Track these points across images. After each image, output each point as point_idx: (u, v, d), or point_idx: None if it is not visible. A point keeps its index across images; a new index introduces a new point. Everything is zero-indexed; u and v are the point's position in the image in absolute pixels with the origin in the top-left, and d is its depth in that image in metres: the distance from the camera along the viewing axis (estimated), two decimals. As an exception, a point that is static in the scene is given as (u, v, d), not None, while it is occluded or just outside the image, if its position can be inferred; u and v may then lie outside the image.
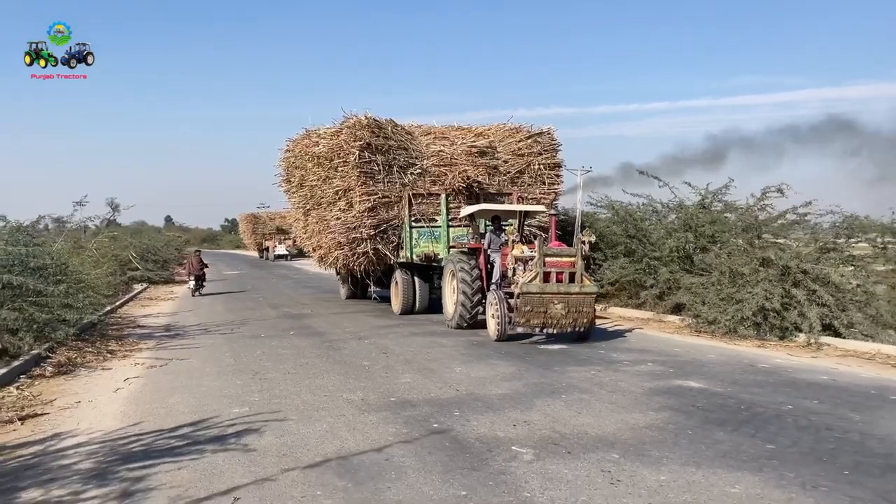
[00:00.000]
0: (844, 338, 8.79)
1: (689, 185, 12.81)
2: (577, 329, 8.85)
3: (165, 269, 22.97)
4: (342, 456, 4.31)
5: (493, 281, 10.07)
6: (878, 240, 10.31)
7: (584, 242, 8.98)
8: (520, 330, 8.86)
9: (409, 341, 9.36)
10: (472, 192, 12.75)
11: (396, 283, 12.74)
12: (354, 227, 12.44)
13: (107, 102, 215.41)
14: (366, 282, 14.57)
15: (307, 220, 14.52)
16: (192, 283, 17.77)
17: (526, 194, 13.09)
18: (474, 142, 13.34)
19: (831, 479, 3.87)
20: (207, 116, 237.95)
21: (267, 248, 45.38)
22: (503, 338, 9.12)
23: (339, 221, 12.73)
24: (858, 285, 9.35)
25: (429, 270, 12.56)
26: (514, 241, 9.54)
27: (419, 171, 12.72)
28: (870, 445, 4.54)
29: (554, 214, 10.96)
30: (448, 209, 12.31)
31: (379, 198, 12.36)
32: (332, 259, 13.69)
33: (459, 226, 12.39)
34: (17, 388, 6.50)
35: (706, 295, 10.06)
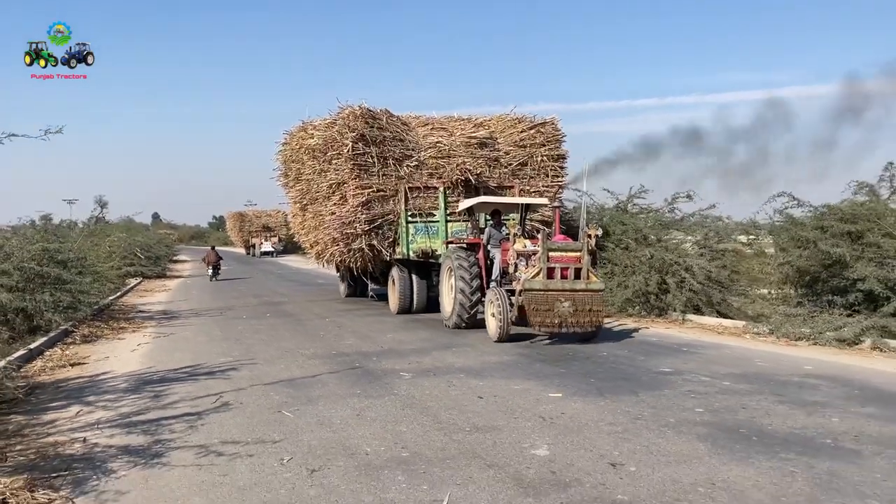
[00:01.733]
0: (703, 314, 11.37)
1: (608, 192, 15.27)
2: (586, 330, 8.57)
3: (158, 265, 25.32)
4: (290, 379, 6.78)
5: (493, 278, 9.85)
6: (743, 238, 12.91)
7: (589, 236, 8.77)
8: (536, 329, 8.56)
9: (361, 320, 11.83)
10: (472, 186, 12.44)
11: (393, 280, 12.59)
12: (349, 223, 12.19)
13: (97, 101, 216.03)
14: (365, 280, 14.45)
15: (304, 215, 14.44)
16: (210, 271, 23.02)
17: (528, 187, 12.90)
18: (474, 132, 13.04)
19: (582, 383, 6.36)
20: (195, 114, 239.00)
21: (254, 245, 47.77)
22: (505, 338, 8.71)
23: (333, 216, 12.55)
24: (716, 272, 11.89)
25: (427, 267, 12.31)
26: (515, 235, 9.30)
27: (416, 163, 12.45)
28: (626, 370, 7.05)
29: (558, 207, 10.47)
30: (446, 203, 12.16)
31: (374, 191, 12.12)
32: (328, 255, 13.64)
33: (458, 220, 12.23)
34: (60, 349, 8.94)
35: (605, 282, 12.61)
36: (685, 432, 4.74)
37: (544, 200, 11.63)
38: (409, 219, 12.21)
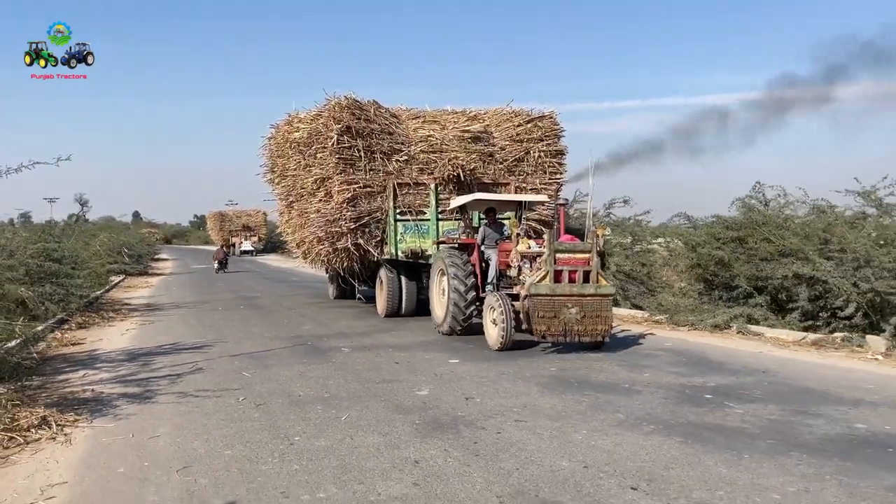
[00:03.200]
0: (620, 306, 13.33)
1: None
2: (595, 338, 8.12)
3: (140, 263, 26.91)
4: (252, 352, 8.58)
5: (489, 281, 9.42)
6: (660, 240, 14.89)
7: (597, 237, 8.36)
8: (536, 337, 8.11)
9: (322, 311, 13.64)
10: (465, 182, 11.99)
11: (381, 282, 12.27)
12: (334, 220, 11.82)
13: (78, 99, 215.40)
14: (353, 281, 14.16)
15: (290, 213, 14.09)
16: (216, 266, 27.09)
17: (525, 184, 12.48)
18: (467, 126, 12.55)
19: (478, 355, 8.19)
20: (177, 113, 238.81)
21: (233, 244, 49.31)
22: (507, 346, 8.26)
23: (318, 214, 12.20)
24: (635, 270, 13.84)
25: (417, 268, 11.92)
26: (518, 235, 8.83)
27: (405, 157, 12.00)
28: (520, 343, 8.93)
29: (563, 204, 9.77)
30: (437, 200, 11.70)
31: (360, 187, 11.69)
32: (313, 255, 13.32)
33: (450, 219, 11.87)
34: (60, 333, 10.67)
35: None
36: (531, 382, 6.64)
37: (543, 197, 11.40)
38: (398, 217, 11.77)
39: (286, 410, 5.68)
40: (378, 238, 12.00)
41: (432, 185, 11.73)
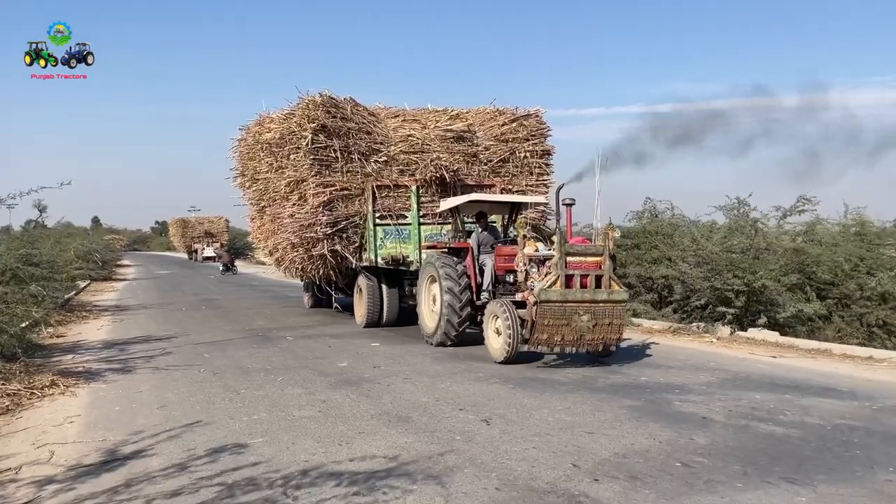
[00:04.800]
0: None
1: None
2: (606, 348, 7.87)
3: (105, 269, 28.37)
4: (212, 341, 10.53)
5: (485, 288, 9.11)
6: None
7: (610, 238, 8.01)
8: (527, 348, 7.78)
9: (277, 310, 15.57)
10: (448, 184, 11.56)
11: (360, 290, 11.93)
12: (309, 225, 11.44)
13: (37, 100, 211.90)
14: (329, 290, 13.71)
15: (262, 218, 13.82)
16: (221, 268, 31.25)
17: (511, 186, 12.13)
18: (450, 125, 12.21)
19: (396, 340, 10.29)
20: (138, 115, 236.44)
21: (196, 251, 50.59)
22: (512, 358, 7.92)
23: (291, 219, 11.83)
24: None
25: (398, 275, 11.61)
26: (525, 237, 8.35)
27: (385, 158, 11.63)
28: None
29: (569, 204, 8.78)
30: (419, 203, 11.44)
31: (337, 190, 11.30)
32: (287, 263, 12.95)
33: (433, 223, 11.61)
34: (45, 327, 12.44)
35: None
36: (428, 357, 8.75)
37: (542, 198, 11.13)
38: (378, 221, 11.38)
39: (236, 376, 7.70)
40: (356, 244, 11.66)
41: (414, 188, 11.45)
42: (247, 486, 4.15)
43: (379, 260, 11.31)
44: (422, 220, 11.56)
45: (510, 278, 8.89)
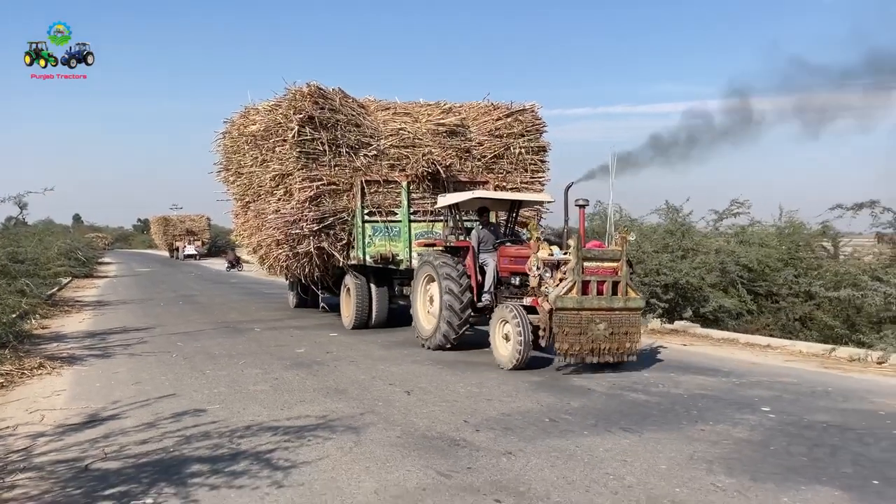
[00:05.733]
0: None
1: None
2: (622, 358, 7.49)
3: (86, 266, 29.22)
4: (185, 332, 11.59)
5: (487, 290, 8.89)
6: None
7: (626, 242, 7.77)
8: (556, 361, 7.69)
9: (249, 305, 16.64)
10: (440, 180, 11.36)
11: (347, 290, 11.73)
12: (294, 221, 11.12)
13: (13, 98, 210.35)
14: (315, 289, 13.57)
15: (246, 215, 13.52)
16: (227, 266, 33.34)
17: (505, 183, 11.97)
18: (442, 119, 11.93)
19: (352, 331, 11.43)
20: (117, 112, 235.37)
21: (177, 249, 51.39)
22: (522, 366, 7.63)
23: (276, 214, 11.52)
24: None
25: (387, 274, 11.49)
26: (538, 240, 8.06)
27: (374, 152, 11.34)
28: (398, 318, 12.23)
29: (583, 205, 8.15)
30: (409, 200, 11.30)
31: (324, 184, 11.01)
32: (272, 260, 12.73)
33: (423, 221, 11.44)
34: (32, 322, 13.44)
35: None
36: (378, 345, 9.89)
37: (547, 197, 10.72)
38: (366, 218, 11.15)
39: (204, 360, 8.79)
40: (344, 241, 11.41)
41: (404, 183, 11.28)
42: (201, 437, 5.26)
43: (367, 258, 11.13)
44: (412, 217, 11.41)
45: (515, 280, 8.54)
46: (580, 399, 6.41)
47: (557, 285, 7.43)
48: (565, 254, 7.77)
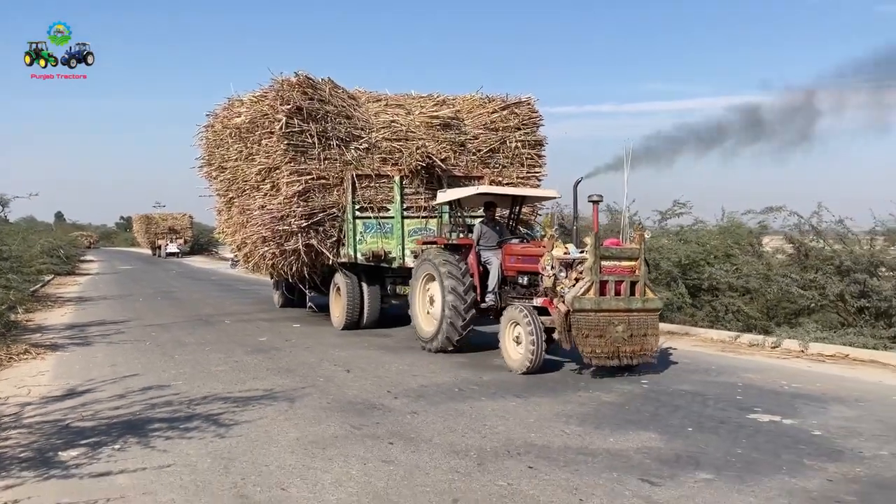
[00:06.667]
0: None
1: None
2: (642, 360, 7.24)
3: (68, 264, 30.06)
4: (160, 324, 12.63)
5: (490, 289, 8.70)
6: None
7: (644, 241, 7.49)
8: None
9: (224, 301, 17.67)
10: (434, 174, 11.13)
11: (337, 289, 11.46)
12: (282, 217, 10.74)
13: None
14: (303, 288, 13.18)
15: (230, 210, 13.15)
16: (231, 264, 32.96)
17: (500, 178, 11.74)
18: (436, 111, 11.68)
19: (317, 321, 12.50)
20: (97, 108, 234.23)
21: (160, 247, 52.15)
22: (535, 370, 7.38)
23: (262, 210, 11.13)
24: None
25: (379, 273, 11.27)
26: (552, 237, 7.71)
27: (366, 145, 11.03)
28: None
29: (597, 201, 7.58)
30: (402, 195, 11.02)
31: (313, 178, 10.66)
32: (257, 258, 12.17)
33: (417, 217, 11.18)
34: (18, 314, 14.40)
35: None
36: (341, 335, 10.96)
37: (554, 193, 10.23)
38: (358, 213, 10.86)
39: (175, 347, 9.86)
40: (334, 238, 11.04)
41: (397, 178, 10.99)
42: (163, 405, 6.35)
43: (358, 256, 10.87)
44: (406, 213, 11.11)
45: (522, 280, 8.30)
46: (492, 375, 7.54)
47: (573, 285, 7.15)
48: (581, 252, 7.50)
